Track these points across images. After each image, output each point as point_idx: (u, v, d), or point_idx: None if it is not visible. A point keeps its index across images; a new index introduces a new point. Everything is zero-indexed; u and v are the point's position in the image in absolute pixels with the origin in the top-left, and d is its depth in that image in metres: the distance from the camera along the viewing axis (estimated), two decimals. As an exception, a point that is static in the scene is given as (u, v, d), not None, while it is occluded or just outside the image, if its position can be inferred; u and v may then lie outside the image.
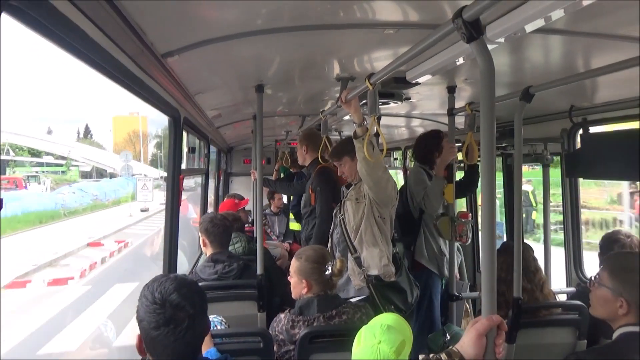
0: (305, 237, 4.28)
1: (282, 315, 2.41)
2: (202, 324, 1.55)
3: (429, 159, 3.78)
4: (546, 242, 3.41)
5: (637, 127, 2.90)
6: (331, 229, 3.40)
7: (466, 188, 3.92)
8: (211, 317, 2.47)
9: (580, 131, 3.13)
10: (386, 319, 1.72)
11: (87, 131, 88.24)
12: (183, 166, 2.83)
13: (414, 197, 3.76)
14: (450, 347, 1.25)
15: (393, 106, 3.56)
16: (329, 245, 3.38)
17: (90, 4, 1.21)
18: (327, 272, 2.36)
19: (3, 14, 0.83)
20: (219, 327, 2.42)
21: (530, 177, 12.93)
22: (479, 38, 1.24)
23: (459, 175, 4.02)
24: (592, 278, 2.02)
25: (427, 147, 3.82)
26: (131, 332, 7.70)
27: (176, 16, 1.64)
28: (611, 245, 2.84)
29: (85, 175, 55.03)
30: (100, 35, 1.31)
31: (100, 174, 53.44)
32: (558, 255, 3.46)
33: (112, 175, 49.24)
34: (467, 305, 3.65)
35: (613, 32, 1.83)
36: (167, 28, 1.74)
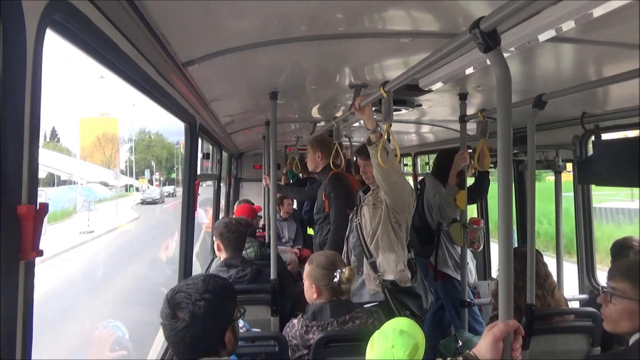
0: (319, 242, 4.27)
1: (295, 321, 2.43)
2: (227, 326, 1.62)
3: (443, 176, 3.80)
4: (558, 250, 3.41)
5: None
6: (347, 233, 3.43)
7: (476, 194, 3.94)
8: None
9: (592, 138, 3.13)
10: (399, 324, 1.75)
11: (53, 134, 78.21)
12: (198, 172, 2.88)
13: (433, 208, 3.81)
14: (467, 352, 1.27)
15: (403, 113, 3.59)
16: (345, 249, 3.40)
17: (121, 15, 1.26)
18: (335, 280, 2.38)
19: (48, 29, 0.87)
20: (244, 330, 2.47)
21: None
22: (496, 48, 1.27)
23: (469, 181, 4.05)
24: (605, 292, 1.90)
25: (442, 164, 3.86)
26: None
27: (198, 26, 1.69)
28: (625, 252, 2.83)
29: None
30: (127, 45, 1.36)
31: (64, 182, 48.39)
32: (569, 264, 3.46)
33: (65, 183, 46.24)
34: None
35: (624, 41, 1.85)
36: (189, 38, 1.79)
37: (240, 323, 2.45)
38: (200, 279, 1.63)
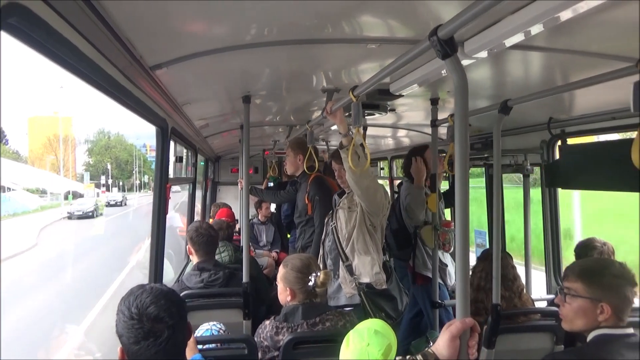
0: (302, 245, 4.28)
1: (267, 322, 2.44)
2: (183, 332, 1.53)
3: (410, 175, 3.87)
4: (527, 251, 3.49)
5: (613, 139, 3.01)
6: (323, 236, 3.44)
7: (453, 197, 4.00)
8: (210, 325, 2.51)
9: (559, 142, 3.22)
10: (373, 324, 1.80)
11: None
12: (170, 175, 2.87)
13: (405, 210, 3.85)
14: (426, 349, 1.30)
15: (379, 117, 3.64)
16: (321, 252, 3.41)
17: (81, 18, 1.25)
18: (310, 283, 2.40)
19: (3, 33, 0.87)
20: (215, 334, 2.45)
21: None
22: (453, 55, 1.30)
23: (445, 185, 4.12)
24: (561, 293, 1.96)
25: (407, 166, 3.92)
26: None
27: (165, 30, 1.69)
28: (589, 252, 2.91)
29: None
30: (90, 48, 1.36)
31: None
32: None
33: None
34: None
35: (587, 49, 1.91)
36: (156, 41, 1.79)
37: (215, 328, 2.45)
38: (142, 290, 1.53)
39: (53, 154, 62.78)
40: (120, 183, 69.34)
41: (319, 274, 2.42)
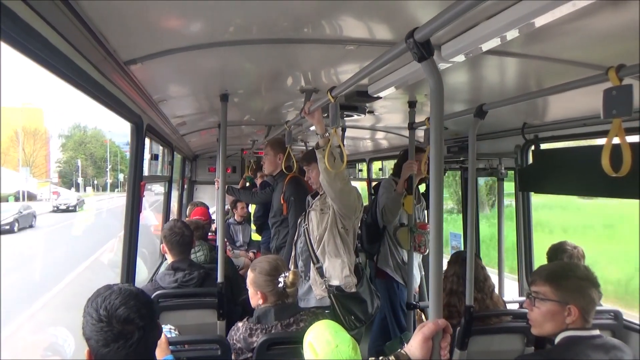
0: (276, 246, 4.26)
1: (240, 324, 2.41)
2: (153, 333, 1.49)
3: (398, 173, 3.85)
4: (500, 254, 3.55)
5: (584, 144, 3.09)
6: (295, 237, 3.43)
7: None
8: (167, 327, 2.46)
9: (533, 147, 3.29)
10: (328, 325, 1.81)
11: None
12: (145, 173, 2.82)
13: (378, 206, 3.85)
14: (399, 350, 1.30)
15: (358, 118, 3.65)
16: (293, 254, 3.40)
17: (52, 10, 1.22)
18: (280, 285, 2.38)
19: None
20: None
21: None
22: (429, 58, 1.31)
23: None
24: (530, 298, 1.98)
25: (400, 162, 3.91)
26: None
27: (140, 25, 1.66)
28: (560, 255, 2.97)
29: None
30: (61, 42, 1.32)
31: None
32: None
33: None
34: (423, 315, 3.75)
35: (559, 56, 1.96)
36: (130, 36, 1.75)
37: (165, 328, 2.40)
38: (110, 291, 1.48)
39: (21, 150, 57.00)
40: (95, 182, 65.97)
41: (287, 274, 2.41)
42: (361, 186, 6.91)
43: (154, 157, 3.96)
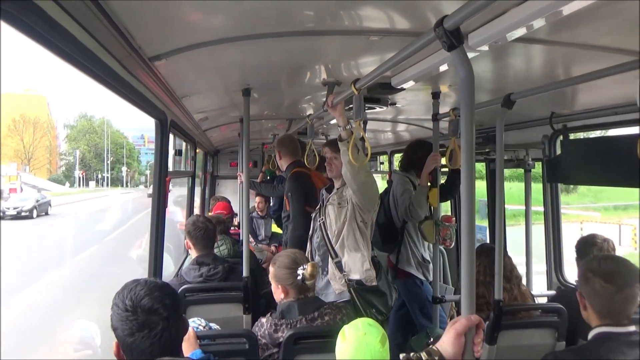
0: (284, 240, 4.32)
1: (263, 320, 2.42)
2: (177, 325, 1.53)
3: (418, 166, 3.78)
4: (527, 247, 3.48)
5: (614, 134, 2.99)
6: (310, 232, 3.41)
7: (448, 192, 3.97)
8: (191, 321, 2.48)
9: (561, 137, 3.20)
10: (365, 320, 1.90)
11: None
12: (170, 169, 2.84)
13: (399, 206, 3.80)
14: (431, 346, 1.28)
15: (379, 111, 3.61)
16: (309, 248, 3.39)
17: (79, 7, 1.23)
18: (298, 277, 2.39)
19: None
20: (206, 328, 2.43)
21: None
22: (459, 47, 1.28)
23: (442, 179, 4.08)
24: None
25: (416, 155, 3.85)
26: None
27: (164, 21, 1.66)
28: (589, 249, 2.90)
29: None
30: (88, 38, 1.33)
31: None
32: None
33: None
34: (453, 310, 3.70)
35: (590, 42, 1.89)
36: (154, 32, 1.76)
37: (203, 322, 2.43)
38: (136, 283, 1.54)
39: (19, 139, 53.69)
40: (98, 176, 62.09)
41: (306, 266, 2.41)
42: (382, 178, 6.87)
43: (178, 153, 3.99)
